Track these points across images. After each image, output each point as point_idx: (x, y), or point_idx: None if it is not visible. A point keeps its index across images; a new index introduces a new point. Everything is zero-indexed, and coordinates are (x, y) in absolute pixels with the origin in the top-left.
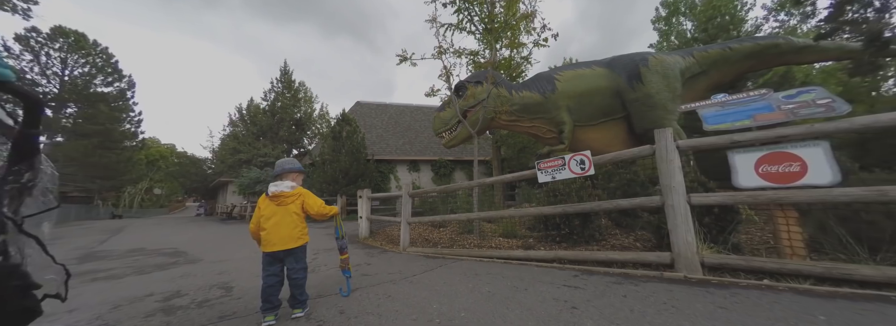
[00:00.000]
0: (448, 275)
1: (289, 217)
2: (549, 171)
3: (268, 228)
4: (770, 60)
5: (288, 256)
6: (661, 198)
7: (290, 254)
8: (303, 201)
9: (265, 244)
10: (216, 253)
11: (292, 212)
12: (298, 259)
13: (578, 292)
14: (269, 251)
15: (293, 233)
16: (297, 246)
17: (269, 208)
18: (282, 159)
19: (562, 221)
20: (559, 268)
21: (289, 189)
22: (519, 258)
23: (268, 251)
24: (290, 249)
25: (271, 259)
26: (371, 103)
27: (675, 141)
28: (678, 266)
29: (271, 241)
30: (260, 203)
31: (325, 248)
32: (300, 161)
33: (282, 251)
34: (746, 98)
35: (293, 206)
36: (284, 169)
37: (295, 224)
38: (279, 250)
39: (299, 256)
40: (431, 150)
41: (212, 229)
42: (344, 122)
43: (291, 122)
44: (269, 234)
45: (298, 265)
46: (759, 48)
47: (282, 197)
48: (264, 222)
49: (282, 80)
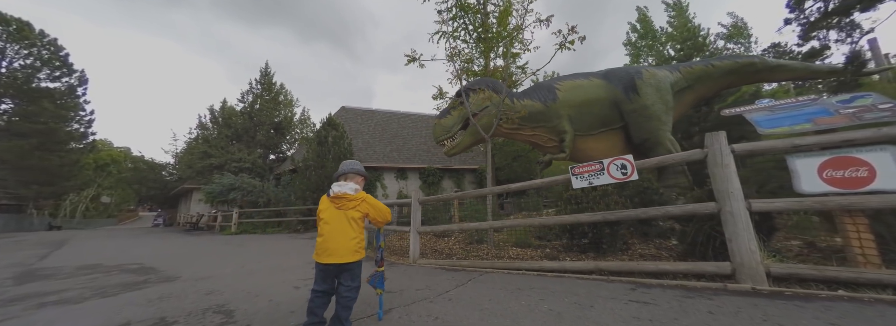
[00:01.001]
0: (488, 291)
1: (347, 224)
2: (585, 176)
3: (325, 234)
4: (748, 77)
5: (342, 272)
6: (717, 204)
7: (345, 270)
8: (366, 208)
9: (319, 253)
10: (194, 269)
11: (352, 218)
12: (354, 276)
13: (653, 308)
14: (323, 262)
15: (350, 244)
16: (354, 261)
17: (328, 210)
18: (347, 160)
19: (590, 229)
20: (605, 281)
21: (352, 191)
22: (553, 270)
23: (321, 262)
24: (345, 263)
25: (324, 273)
26: (357, 109)
27: (730, 145)
28: (741, 277)
29: (327, 250)
30: (320, 205)
31: None
32: (280, 168)
33: (335, 265)
34: (796, 103)
35: (354, 211)
36: (349, 170)
37: (353, 234)
38: (333, 262)
39: (355, 273)
40: (420, 158)
41: (179, 241)
42: (330, 126)
43: (270, 125)
44: (325, 241)
45: (352, 284)
46: (737, 66)
47: (343, 200)
48: (322, 226)
49: (262, 81)
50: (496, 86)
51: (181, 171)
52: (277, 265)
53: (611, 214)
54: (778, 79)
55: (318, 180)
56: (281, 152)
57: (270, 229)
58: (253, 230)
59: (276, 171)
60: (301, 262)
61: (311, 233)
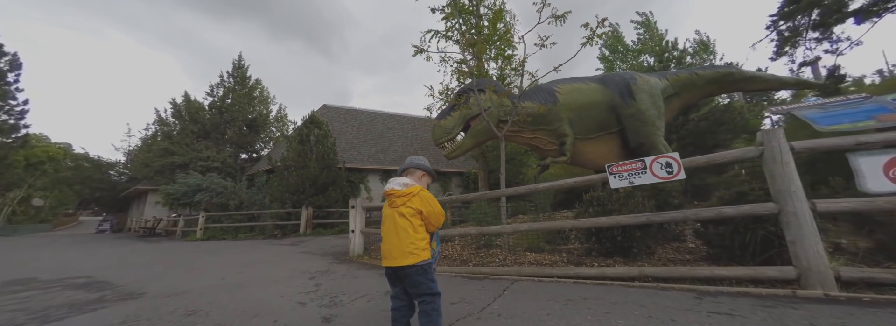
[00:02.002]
0: (536, 303)
1: (398, 223)
2: (625, 175)
3: (383, 234)
4: (727, 86)
5: (402, 276)
6: (777, 205)
7: (403, 275)
8: (418, 204)
9: (381, 256)
10: (163, 282)
11: (403, 215)
12: (415, 283)
13: (743, 322)
14: (383, 265)
15: (403, 245)
16: (410, 264)
17: (384, 209)
18: (413, 156)
19: (620, 232)
20: (658, 288)
21: (400, 187)
22: (592, 277)
23: (383, 265)
24: (401, 266)
25: (389, 277)
26: (340, 108)
27: (789, 142)
28: (808, 282)
29: (384, 252)
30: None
31: (319, 270)
32: (253, 168)
33: (392, 269)
34: (848, 100)
35: (405, 208)
36: (409, 164)
37: (405, 233)
38: (389, 266)
39: (415, 279)
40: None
41: (135, 249)
42: (313, 124)
43: (243, 122)
44: (383, 243)
45: (418, 290)
46: (718, 75)
47: (392, 196)
48: (381, 227)
49: (234, 74)
50: (497, 87)
51: (135, 170)
52: (265, 276)
53: (657, 215)
54: (752, 89)
55: (298, 182)
56: (255, 151)
57: (243, 234)
58: (222, 235)
59: (250, 171)
60: (292, 272)
61: (292, 239)
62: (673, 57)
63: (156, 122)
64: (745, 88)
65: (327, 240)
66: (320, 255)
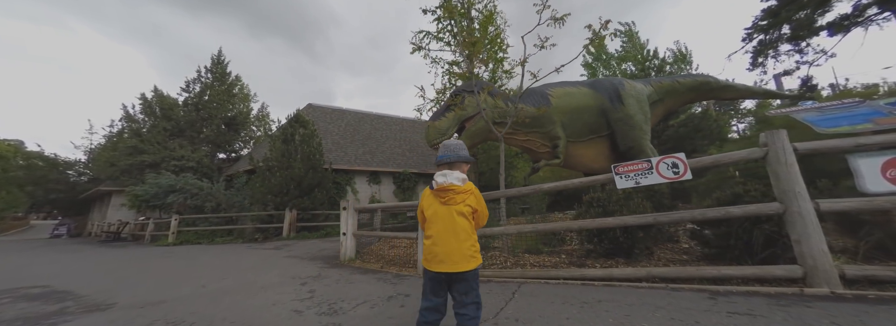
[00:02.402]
0: (551, 307)
1: (456, 222)
2: (631, 175)
3: (434, 235)
4: (704, 94)
5: (455, 282)
6: (782, 205)
7: (459, 280)
8: (474, 202)
9: (428, 259)
10: (134, 291)
11: (462, 213)
12: (469, 289)
13: (765, 322)
14: (434, 270)
15: (464, 248)
16: (469, 269)
17: (433, 207)
18: (448, 142)
19: (622, 233)
20: (668, 289)
21: (460, 182)
22: (599, 278)
23: (432, 269)
24: (459, 272)
25: (434, 283)
26: (326, 107)
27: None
28: (813, 281)
29: (436, 255)
30: (422, 202)
31: (310, 275)
32: (232, 168)
33: (446, 273)
34: (842, 104)
35: (463, 206)
36: (456, 157)
37: (466, 234)
38: (447, 270)
39: (471, 285)
40: (394, 161)
41: (98, 255)
42: (298, 123)
43: (221, 120)
44: (434, 244)
45: (468, 299)
46: (697, 83)
47: (451, 192)
48: (429, 226)
49: (213, 70)
50: (492, 89)
51: (98, 170)
52: (251, 283)
53: (664, 216)
54: (726, 97)
55: (282, 183)
56: (234, 150)
57: (220, 238)
58: (197, 239)
59: (228, 172)
60: (281, 277)
61: (274, 243)
62: (653, 66)
63: (123, 118)
64: (719, 97)
65: (313, 244)
66: (308, 259)
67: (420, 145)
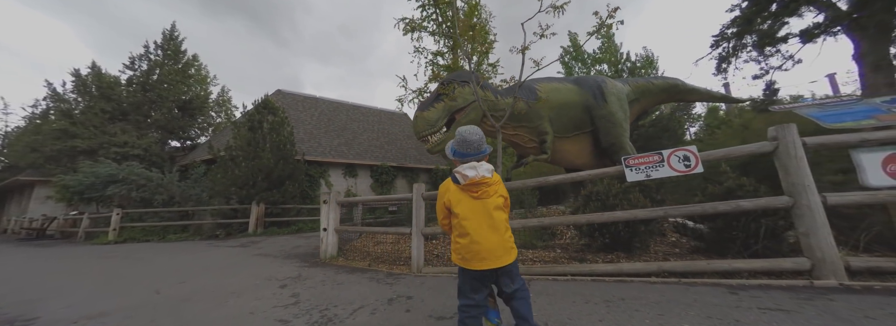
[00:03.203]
0: (572, 306)
1: (494, 217)
2: (642, 168)
3: (471, 232)
4: (674, 95)
5: (502, 275)
6: (791, 198)
7: (504, 273)
8: (505, 192)
9: (467, 258)
10: (66, 300)
11: (497, 207)
12: (514, 277)
13: (798, 317)
14: (478, 268)
15: (505, 241)
16: (512, 261)
17: (463, 202)
18: (467, 129)
19: (624, 228)
20: (681, 284)
21: (489, 173)
22: (609, 274)
23: (476, 268)
24: (504, 266)
25: (478, 282)
26: (297, 95)
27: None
28: (821, 273)
29: (478, 253)
30: (447, 197)
31: (288, 276)
32: (188, 157)
33: (492, 270)
34: (841, 102)
35: (497, 198)
36: (483, 151)
37: (505, 227)
38: (493, 266)
39: (514, 273)
40: (371, 154)
41: (16, 255)
42: (266, 110)
43: (175, 103)
44: (472, 242)
45: (517, 284)
46: (668, 85)
47: (483, 185)
48: (462, 224)
49: (165, 46)
50: (480, 81)
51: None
52: (219, 286)
53: (674, 209)
54: (691, 99)
55: (248, 173)
56: (189, 138)
57: (173, 235)
58: (145, 237)
59: (183, 161)
60: (254, 279)
61: (239, 239)
62: (626, 68)
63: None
64: (686, 99)
65: (285, 240)
66: (282, 258)
67: (399, 138)
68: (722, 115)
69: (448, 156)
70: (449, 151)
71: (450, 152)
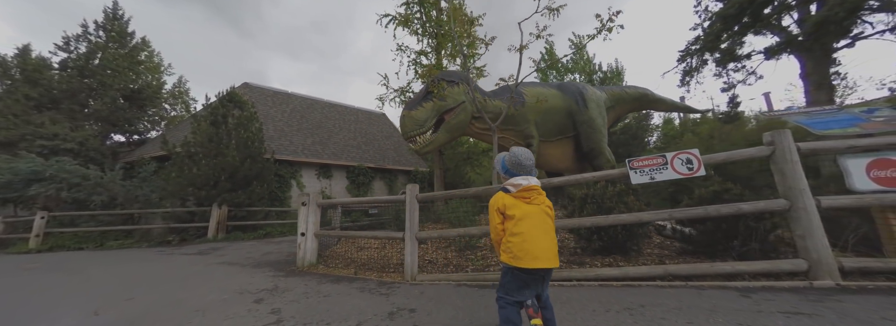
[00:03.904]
0: (594, 316)
1: (546, 220)
2: (646, 170)
3: (524, 232)
4: (645, 104)
5: (547, 277)
6: (788, 201)
7: (548, 275)
8: (549, 202)
9: (521, 256)
10: None
11: (547, 213)
12: (547, 284)
13: (821, 321)
14: (533, 266)
15: (554, 245)
16: (557, 265)
17: (518, 206)
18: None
19: (622, 231)
20: (688, 287)
21: (538, 183)
22: (615, 278)
23: (530, 266)
24: (550, 269)
25: (531, 281)
26: (267, 89)
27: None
28: (817, 274)
29: (531, 252)
30: (502, 202)
31: (263, 288)
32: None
33: (545, 270)
34: (823, 110)
35: (546, 206)
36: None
37: (554, 232)
38: (546, 266)
39: (548, 280)
40: (348, 154)
41: None
42: (232, 103)
43: (120, 92)
44: (525, 241)
45: (547, 291)
46: (639, 94)
47: (535, 192)
48: (517, 224)
49: (108, 27)
50: (470, 81)
51: None
52: (177, 304)
53: (679, 212)
54: (658, 109)
55: (209, 172)
56: (137, 132)
57: (113, 241)
58: (78, 244)
59: (128, 157)
60: (222, 292)
61: (197, 246)
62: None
63: None
64: (653, 108)
65: (251, 246)
66: (251, 266)
67: (377, 139)
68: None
69: (498, 171)
70: (499, 166)
71: (500, 167)
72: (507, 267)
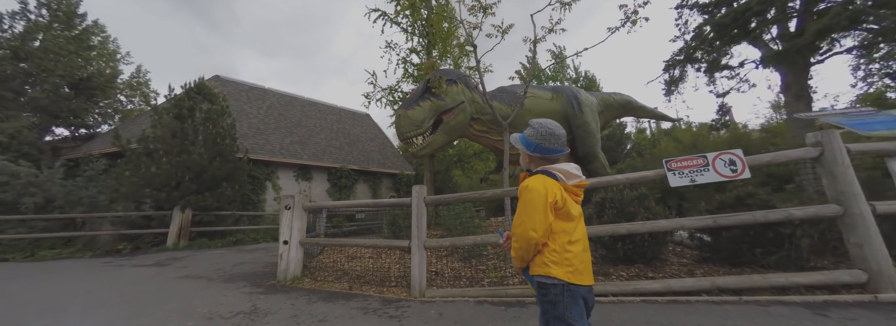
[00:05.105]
0: None
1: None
2: (686, 172)
3: (581, 239)
4: (628, 111)
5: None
6: (841, 207)
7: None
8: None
9: (584, 270)
10: None
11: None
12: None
13: None
14: (588, 283)
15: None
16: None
17: (572, 207)
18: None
19: (648, 238)
20: (763, 304)
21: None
22: (657, 293)
23: (583, 283)
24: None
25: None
26: (241, 84)
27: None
28: (878, 285)
29: (583, 262)
30: (552, 192)
31: (240, 311)
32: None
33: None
34: (861, 112)
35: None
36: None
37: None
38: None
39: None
40: (330, 155)
41: None
42: (201, 96)
43: (64, 79)
44: (586, 250)
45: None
46: (625, 101)
47: (581, 189)
48: (580, 228)
49: (54, 6)
50: (468, 81)
51: None
52: None
53: (723, 217)
54: (639, 115)
55: (170, 172)
56: (85, 125)
57: (47, 251)
58: (1, 254)
59: (72, 153)
60: (187, 316)
61: (154, 256)
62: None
63: None
64: (634, 115)
65: (220, 255)
66: (222, 281)
67: (361, 140)
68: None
69: (523, 151)
70: (522, 144)
71: (523, 145)
72: (558, 286)
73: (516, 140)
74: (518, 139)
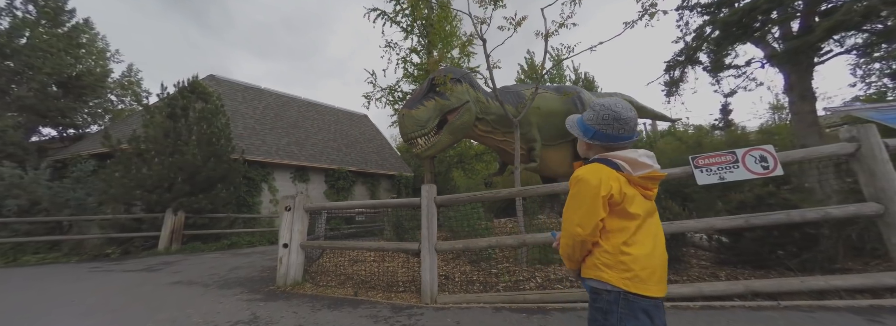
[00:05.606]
0: None
1: (658, 224)
2: (714, 169)
3: (644, 241)
4: None
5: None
6: (881, 205)
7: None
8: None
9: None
10: None
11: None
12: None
13: None
14: (657, 296)
15: (665, 259)
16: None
17: (638, 201)
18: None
19: (670, 239)
20: (808, 310)
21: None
22: (688, 298)
23: (655, 295)
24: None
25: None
26: (237, 83)
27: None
28: None
29: (654, 270)
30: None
31: (238, 320)
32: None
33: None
34: (892, 106)
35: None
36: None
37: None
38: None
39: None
40: (327, 156)
41: None
42: (195, 95)
43: (51, 77)
44: (652, 256)
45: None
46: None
47: (656, 181)
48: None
49: (40, 2)
50: (472, 80)
51: None
52: None
53: (755, 217)
54: (640, 116)
55: (164, 173)
56: (74, 125)
57: (32, 256)
58: None
59: (59, 155)
60: None
61: (145, 260)
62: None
63: None
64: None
65: (214, 259)
66: (218, 287)
67: (359, 141)
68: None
69: (580, 137)
70: (579, 129)
71: (580, 130)
72: (612, 294)
73: (573, 124)
74: (575, 123)
